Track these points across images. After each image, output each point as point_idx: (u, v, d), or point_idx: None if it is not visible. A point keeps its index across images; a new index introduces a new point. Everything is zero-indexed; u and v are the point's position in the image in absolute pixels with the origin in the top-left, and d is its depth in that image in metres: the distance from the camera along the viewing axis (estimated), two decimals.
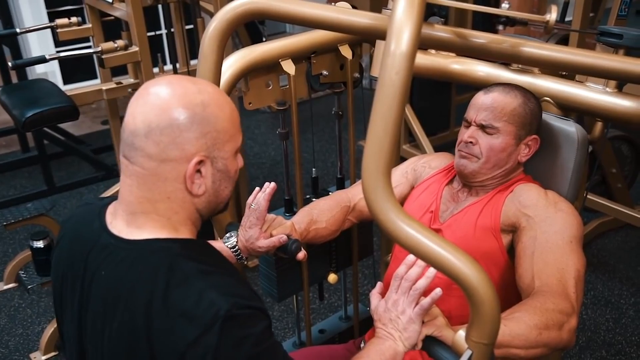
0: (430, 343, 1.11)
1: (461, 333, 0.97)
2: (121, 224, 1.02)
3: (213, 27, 1.28)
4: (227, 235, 1.48)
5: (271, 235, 1.42)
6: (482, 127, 1.42)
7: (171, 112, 0.94)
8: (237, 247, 1.44)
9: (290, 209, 1.89)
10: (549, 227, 1.32)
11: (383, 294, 1.18)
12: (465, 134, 1.45)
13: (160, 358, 0.91)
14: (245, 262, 1.50)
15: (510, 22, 1.51)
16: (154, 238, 0.99)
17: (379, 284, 1.19)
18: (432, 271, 1.09)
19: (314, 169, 2.00)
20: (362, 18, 1.30)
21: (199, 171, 0.98)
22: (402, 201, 1.62)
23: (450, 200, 1.51)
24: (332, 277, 1.93)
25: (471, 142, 1.43)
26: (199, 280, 0.93)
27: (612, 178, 3.14)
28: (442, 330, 1.10)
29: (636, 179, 3.47)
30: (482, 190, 1.47)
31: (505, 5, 1.31)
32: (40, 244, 2.51)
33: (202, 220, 1.06)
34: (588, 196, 2.92)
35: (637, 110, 1.36)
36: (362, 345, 1.70)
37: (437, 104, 4.09)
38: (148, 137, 0.94)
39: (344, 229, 1.67)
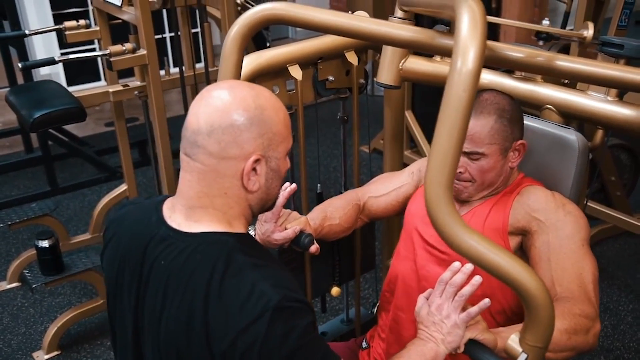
0: (472, 346, 1.14)
1: (514, 337, 1.01)
2: (180, 217, 1.09)
3: (235, 31, 1.34)
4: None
5: (285, 229, 1.46)
6: (467, 155, 1.43)
7: (232, 114, 1.02)
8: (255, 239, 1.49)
9: None
10: (561, 232, 1.35)
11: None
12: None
13: (214, 342, 0.97)
14: None
15: (550, 37, 1.54)
16: (211, 231, 1.06)
17: (429, 290, 1.21)
18: (477, 279, 1.13)
19: (318, 185, 2.02)
20: (376, 25, 1.33)
21: (254, 169, 1.05)
22: (406, 201, 1.65)
23: (455, 200, 1.54)
24: (335, 291, 1.96)
25: (460, 172, 1.44)
26: (252, 273, 1.00)
27: (611, 186, 3.17)
28: (484, 334, 1.13)
29: (635, 187, 3.50)
30: (485, 197, 1.50)
31: (545, 22, 1.35)
32: (45, 243, 2.53)
33: (252, 217, 1.13)
34: (588, 203, 2.95)
35: (637, 118, 1.39)
36: (363, 344, 1.72)
37: (439, 111, 4.11)
38: (210, 135, 1.01)
39: (357, 227, 1.73)
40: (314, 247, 1.46)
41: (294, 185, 1.45)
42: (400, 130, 2.16)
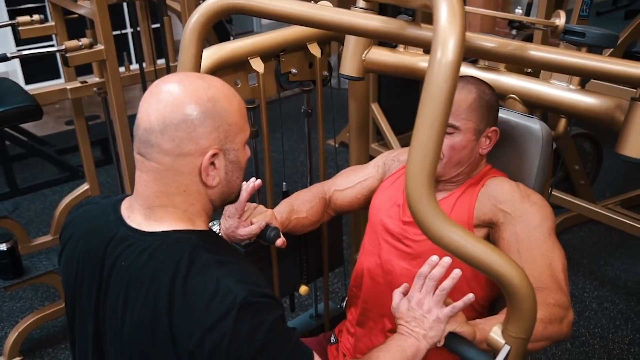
0: (452, 339, 1.14)
1: (496, 329, 1.01)
2: (139, 218, 1.06)
3: (194, 21, 1.30)
4: (210, 223, 1.49)
5: (251, 223, 1.43)
6: None
7: (185, 108, 0.98)
8: (220, 234, 1.46)
9: None
10: (528, 223, 1.35)
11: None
12: None
13: (179, 342, 0.95)
14: None
15: (523, 26, 1.54)
16: (172, 230, 1.03)
17: (405, 285, 1.20)
18: (457, 272, 1.12)
19: (284, 183, 2.00)
20: (340, 15, 1.31)
21: (212, 163, 1.02)
22: (371, 194, 1.63)
23: None
24: (303, 289, 1.95)
25: None
26: (216, 270, 0.98)
27: (575, 175, 3.21)
28: (463, 327, 1.13)
29: (598, 176, 3.55)
30: (450, 185, 1.48)
31: (518, 11, 1.34)
32: (3, 246, 2.44)
33: (213, 211, 1.11)
34: (552, 192, 2.98)
35: (599, 106, 1.39)
36: (332, 339, 1.71)
37: (406, 103, 4.09)
38: (164, 133, 0.98)
39: (324, 221, 1.72)
40: (280, 241, 1.44)
41: (258, 180, 1.43)
42: (366, 123, 2.14)
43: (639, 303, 2.86)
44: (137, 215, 1.06)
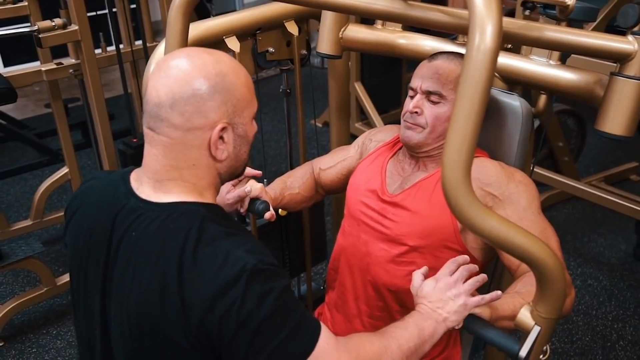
0: (471, 321, 1.15)
1: (525, 311, 1.03)
2: (148, 190, 1.06)
3: None
4: None
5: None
6: (428, 95, 1.40)
7: (193, 83, 0.99)
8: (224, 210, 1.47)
9: None
10: (517, 204, 1.34)
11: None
12: (410, 104, 1.42)
13: (190, 309, 0.96)
14: None
15: (534, 6, 1.50)
16: (182, 201, 1.04)
17: (425, 268, 1.23)
18: (483, 277, 1.17)
19: (265, 180, 1.97)
20: None
21: (221, 137, 1.03)
22: (350, 174, 1.61)
23: (396, 173, 1.50)
24: None
25: (416, 112, 1.41)
26: (225, 241, 0.99)
27: (559, 152, 3.21)
28: (480, 308, 1.15)
29: (582, 153, 3.55)
30: (430, 162, 1.45)
31: None
32: None
33: (221, 184, 1.12)
34: (536, 170, 2.97)
35: (578, 82, 1.37)
36: None
37: (388, 82, 4.09)
38: (173, 108, 0.99)
39: (316, 200, 1.74)
40: (269, 214, 1.45)
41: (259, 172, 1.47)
42: (346, 102, 2.11)
43: (622, 279, 2.87)
44: (145, 187, 1.07)
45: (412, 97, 1.44)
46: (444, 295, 1.15)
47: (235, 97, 1.03)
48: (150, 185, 1.06)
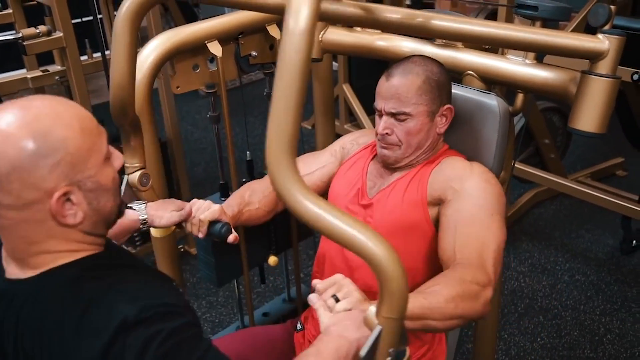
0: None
1: (372, 310, 0.96)
2: (14, 269, 0.96)
3: (125, 8, 1.26)
4: (140, 201, 1.50)
5: (200, 221, 1.42)
6: (394, 115, 1.41)
7: (9, 155, 0.85)
8: (145, 213, 1.45)
9: (225, 194, 1.86)
10: (473, 200, 1.34)
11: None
12: (379, 126, 1.44)
13: None
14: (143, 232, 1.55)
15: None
16: (51, 268, 0.93)
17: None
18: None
19: (247, 152, 1.98)
20: None
21: (69, 200, 0.90)
22: (331, 180, 1.62)
23: (377, 175, 1.52)
24: (272, 260, 1.92)
25: (387, 134, 1.42)
26: (104, 297, 0.90)
27: (545, 149, 3.23)
28: (358, 306, 1.08)
29: (568, 149, 3.58)
30: (407, 166, 1.48)
31: None
32: None
33: (107, 229, 1.01)
34: (523, 167, 3.00)
35: (553, 80, 1.39)
36: (298, 326, 1.69)
37: (376, 83, 4.10)
38: None
39: (278, 210, 1.66)
40: (232, 237, 1.43)
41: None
42: (331, 104, 2.13)
43: (609, 274, 2.90)
44: (12, 267, 0.96)
45: (380, 117, 1.45)
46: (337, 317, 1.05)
47: (69, 153, 0.88)
48: (14, 264, 0.96)
